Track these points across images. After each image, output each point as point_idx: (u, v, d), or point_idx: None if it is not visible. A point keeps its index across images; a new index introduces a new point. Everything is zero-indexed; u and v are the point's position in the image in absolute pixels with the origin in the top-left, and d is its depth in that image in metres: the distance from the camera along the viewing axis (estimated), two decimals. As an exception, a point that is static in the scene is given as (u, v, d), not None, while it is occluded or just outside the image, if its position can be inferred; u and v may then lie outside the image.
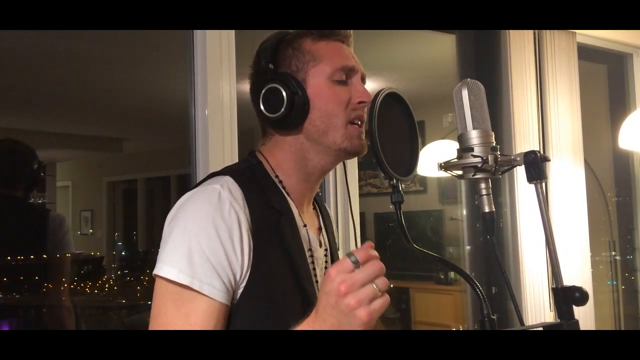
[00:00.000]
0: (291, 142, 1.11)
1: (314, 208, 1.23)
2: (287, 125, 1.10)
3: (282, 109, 1.07)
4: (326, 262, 1.18)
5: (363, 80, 1.14)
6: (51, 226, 2.38)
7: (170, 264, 0.97)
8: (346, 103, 1.09)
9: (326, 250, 1.19)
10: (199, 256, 0.97)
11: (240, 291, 1.01)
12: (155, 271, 0.99)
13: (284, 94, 1.07)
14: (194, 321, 0.96)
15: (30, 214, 2.50)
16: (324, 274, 1.10)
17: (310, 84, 1.09)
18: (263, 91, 1.10)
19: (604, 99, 3.45)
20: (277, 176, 1.12)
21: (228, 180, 1.05)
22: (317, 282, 1.11)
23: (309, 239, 1.12)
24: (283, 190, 1.11)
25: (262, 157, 1.14)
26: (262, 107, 1.10)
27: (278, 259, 1.04)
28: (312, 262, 1.12)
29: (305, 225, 1.12)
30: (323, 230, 1.22)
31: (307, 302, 1.04)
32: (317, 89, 1.09)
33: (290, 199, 1.12)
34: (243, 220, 1.01)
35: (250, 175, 1.09)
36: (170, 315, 0.97)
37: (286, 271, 1.05)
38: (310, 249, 1.12)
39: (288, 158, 1.12)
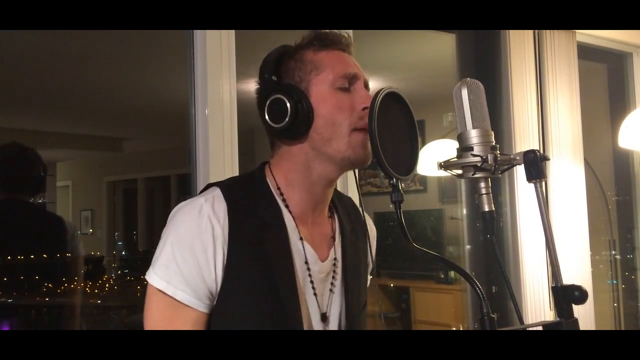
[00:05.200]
0: (296, 152, 1.12)
1: (331, 216, 1.21)
2: (292, 134, 1.10)
3: (287, 119, 1.08)
4: (334, 272, 1.16)
5: (366, 86, 1.14)
6: (70, 233, 2.44)
7: (154, 270, 1.06)
8: (350, 109, 1.09)
9: (335, 260, 1.16)
10: (175, 265, 1.04)
11: (214, 302, 1.06)
12: (146, 275, 1.07)
13: (288, 104, 1.08)
14: (175, 325, 1.04)
15: (47, 221, 2.56)
16: (332, 284, 1.14)
17: (313, 92, 1.10)
18: (267, 102, 1.11)
19: (604, 98, 3.45)
20: (279, 188, 1.13)
21: (215, 193, 1.09)
22: (315, 294, 1.11)
23: (304, 252, 1.11)
24: (282, 204, 1.11)
25: (268, 170, 1.15)
26: (267, 118, 1.11)
27: (256, 271, 1.06)
28: (310, 275, 1.11)
29: (301, 239, 1.11)
30: (337, 240, 1.19)
31: (280, 313, 1.06)
32: (320, 96, 1.09)
33: (290, 211, 1.11)
34: (219, 234, 1.05)
35: (244, 188, 1.12)
36: (155, 317, 1.06)
37: (263, 284, 1.06)
38: (306, 262, 1.11)
39: (293, 168, 1.12)
